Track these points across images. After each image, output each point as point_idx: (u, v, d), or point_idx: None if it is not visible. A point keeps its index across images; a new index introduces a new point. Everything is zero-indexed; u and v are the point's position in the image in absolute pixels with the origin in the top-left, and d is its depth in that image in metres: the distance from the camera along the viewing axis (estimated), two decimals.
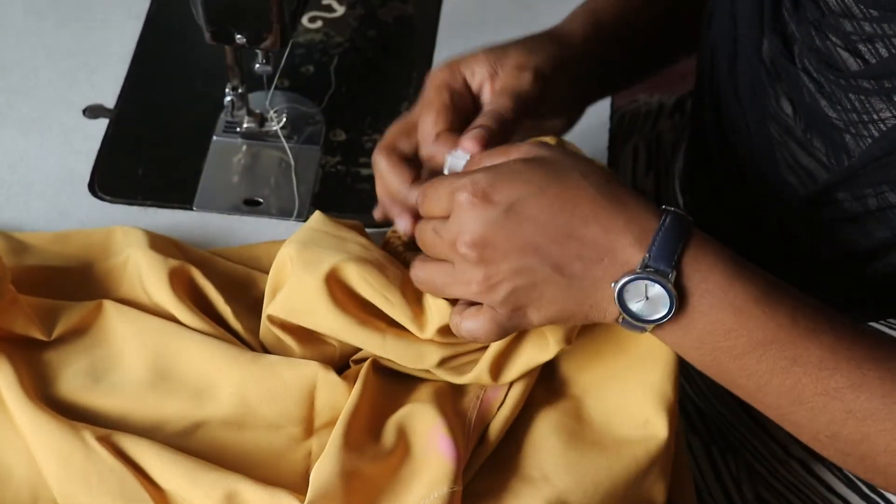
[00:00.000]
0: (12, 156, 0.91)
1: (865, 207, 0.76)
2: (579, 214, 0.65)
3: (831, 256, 0.81)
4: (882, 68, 0.71)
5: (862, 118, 0.73)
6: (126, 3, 1.02)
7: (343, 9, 1.04)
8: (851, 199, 0.76)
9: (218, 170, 0.92)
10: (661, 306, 0.66)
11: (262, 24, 0.82)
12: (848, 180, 0.75)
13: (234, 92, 0.91)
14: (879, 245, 0.77)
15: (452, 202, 0.67)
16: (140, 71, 0.98)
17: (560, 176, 0.67)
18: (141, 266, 0.77)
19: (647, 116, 1.15)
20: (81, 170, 0.91)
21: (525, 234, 0.66)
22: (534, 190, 0.66)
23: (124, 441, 0.70)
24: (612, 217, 0.66)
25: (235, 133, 0.94)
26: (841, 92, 0.74)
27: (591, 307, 0.67)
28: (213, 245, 0.86)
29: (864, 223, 0.77)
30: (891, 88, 0.71)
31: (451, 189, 0.67)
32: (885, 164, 0.73)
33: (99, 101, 0.95)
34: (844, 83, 0.74)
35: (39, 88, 0.96)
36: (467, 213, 0.66)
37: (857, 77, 0.73)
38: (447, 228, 0.67)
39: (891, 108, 0.72)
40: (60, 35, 1.00)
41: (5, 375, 0.72)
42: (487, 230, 0.66)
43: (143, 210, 0.89)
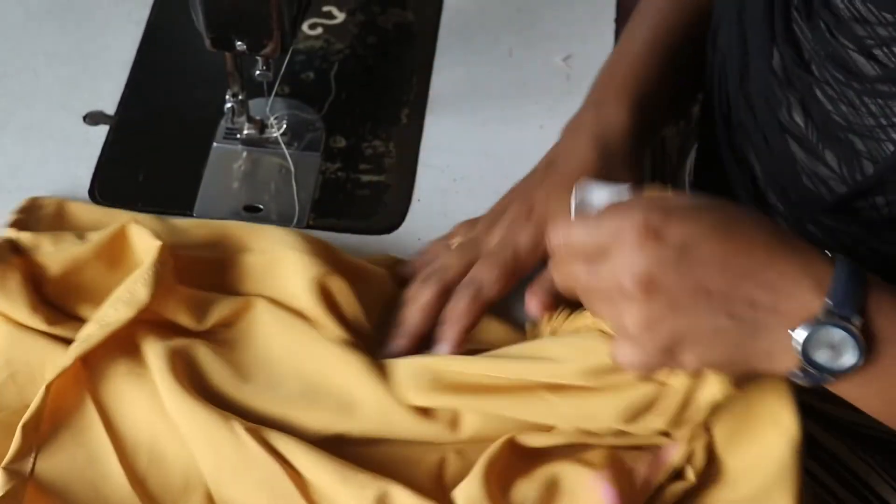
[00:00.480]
0: (12, 162, 0.91)
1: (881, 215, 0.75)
2: (755, 258, 0.62)
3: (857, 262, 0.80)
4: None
5: (880, 122, 0.72)
6: (126, 9, 1.03)
7: (343, 16, 1.04)
8: (885, 203, 0.75)
9: (218, 176, 0.92)
10: (846, 355, 0.62)
11: (263, 31, 0.82)
12: (879, 185, 0.74)
13: (234, 98, 0.91)
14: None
15: (617, 239, 0.63)
16: (140, 77, 0.98)
17: (733, 219, 0.64)
18: (289, 268, 0.78)
19: None
20: (82, 176, 0.91)
21: (697, 275, 0.62)
22: (707, 231, 0.62)
23: (272, 436, 0.71)
24: (788, 261, 0.63)
25: (236, 139, 0.94)
26: (858, 97, 0.74)
27: (758, 356, 0.64)
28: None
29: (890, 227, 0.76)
30: None
31: (615, 226, 0.63)
32: None
33: (99, 107, 0.96)
34: (860, 87, 0.73)
35: (40, 94, 0.96)
36: (636, 250, 0.62)
37: (876, 81, 0.72)
38: (608, 266, 0.63)
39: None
40: (61, 41, 1.00)
41: (159, 361, 0.73)
42: (658, 269, 0.62)
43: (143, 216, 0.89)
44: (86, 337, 0.74)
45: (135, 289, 0.75)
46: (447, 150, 0.94)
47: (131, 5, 1.03)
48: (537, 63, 1.00)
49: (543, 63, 1.00)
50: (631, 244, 0.62)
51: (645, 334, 0.64)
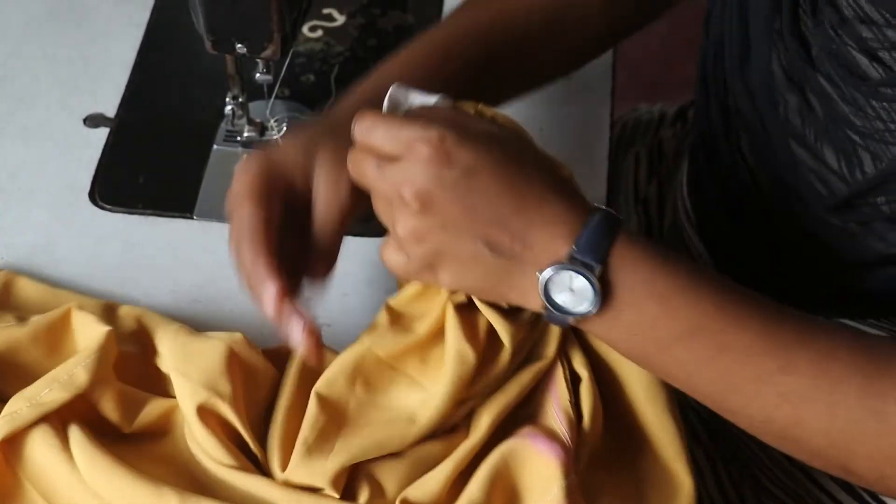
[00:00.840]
0: (13, 164, 0.91)
1: (881, 215, 0.75)
2: (525, 198, 0.66)
3: (856, 260, 0.80)
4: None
5: (888, 126, 0.73)
6: (127, 12, 1.03)
7: (343, 18, 1.04)
8: (885, 202, 0.75)
9: (218, 178, 0.92)
10: (585, 299, 0.66)
11: (263, 34, 0.82)
12: (881, 185, 0.74)
13: (234, 101, 0.91)
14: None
15: (409, 149, 0.66)
16: (141, 80, 0.98)
17: (520, 157, 0.67)
18: (176, 391, 0.74)
19: (649, 125, 1.15)
20: (82, 178, 0.91)
21: (470, 202, 0.66)
22: (492, 163, 0.66)
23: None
24: (553, 207, 0.66)
25: (236, 142, 0.94)
26: (863, 98, 0.74)
27: (511, 289, 0.68)
28: (214, 254, 0.86)
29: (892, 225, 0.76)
30: None
31: (412, 136, 0.66)
32: None
33: (100, 109, 0.96)
34: (866, 89, 0.73)
35: (40, 97, 0.96)
36: (424, 166, 0.65)
37: (880, 85, 0.72)
38: (395, 171, 0.66)
39: None
40: (61, 44, 1.00)
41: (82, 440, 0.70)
42: (437, 188, 0.65)
43: (143, 219, 0.89)
44: (11, 415, 0.70)
45: (74, 371, 0.71)
46: None
47: (132, 8, 1.03)
48: None
49: None
50: (419, 158, 0.65)
51: (411, 244, 0.67)
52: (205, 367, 0.72)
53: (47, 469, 0.70)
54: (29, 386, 0.72)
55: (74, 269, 0.85)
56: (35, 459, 0.70)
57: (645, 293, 0.66)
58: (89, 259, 0.86)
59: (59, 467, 0.70)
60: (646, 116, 1.16)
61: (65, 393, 0.70)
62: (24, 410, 0.70)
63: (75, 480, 0.70)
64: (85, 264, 0.85)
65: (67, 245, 0.87)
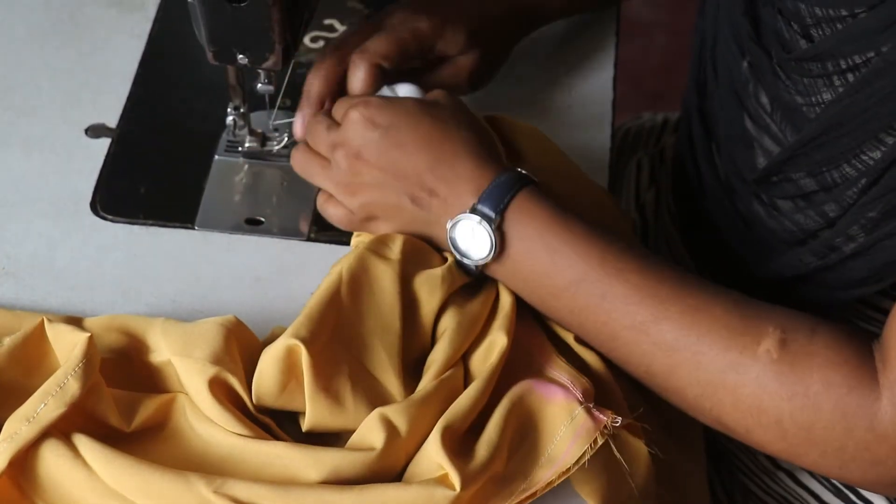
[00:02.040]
0: (15, 175, 0.92)
1: (815, 186, 0.78)
2: (443, 156, 0.77)
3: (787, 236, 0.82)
4: (822, 48, 0.74)
5: (811, 100, 0.76)
6: (128, 23, 1.03)
7: (345, 28, 1.04)
8: (801, 177, 0.79)
9: (220, 189, 0.92)
10: (484, 247, 0.75)
11: (265, 45, 0.82)
12: (792, 159, 0.78)
13: (235, 111, 0.91)
14: (825, 223, 0.79)
15: (345, 115, 0.79)
16: (142, 90, 0.98)
17: (439, 118, 0.78)
18: (181, 374, 0.75)
19: (651, 132, 1.15)
20: (83, 189, 0.91)
21: (391, 157, 0.77)
22: (411, 122, 0.77)
23: (238, 488, 0.69)
24: (465, 165, 0.76)
25: (237, 152, 0.94)
26: (796, 75, 0.77)
27: (432, 238, 0.79)
28: (216, 264, 0.86)
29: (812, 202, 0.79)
30: (832, 71, 0.74)
31: (350, 104, 0.80)
32: (821, 144, 0.76)
33: (101, 120, 0.96)
34: (795, 65, 0.77)
35: (42, 108, 0.96)
36: (354, 127, 0.78)
37: (803, 59, 0.76)
38: (336, 133, 0.80)
39: (829, 91, 0.75)
40: (63, 55, 1.00)
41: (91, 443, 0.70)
42: (363, 146, 0.78)
43: (144, 229, 0.89)
44: (12, 436, 0.69)
45: (64, 382, 0.70)
46: None
47: (133, 19, 1.03)
48: (539, 75, 1.00)
49: (545, 75, 1.01)
50: (350, 121, 0.79)
51: (346, 197, 0.80)
52: (208, 346, 0.74)
53: (64, 482, 0.70)
54: (21, 406, 0.71)
55: (76, 279, 0.85)
56: (49, 476, 0.70)
57: (537, 245, 0.75)
58: (91, 269, 0.86)
59: (76, 475, 0.70)
60: (648, 124, 1.17)
61: (61, 405, 0.70)
62: (24, 429, 0.69)
63: (97, 486, 0.69)
64: (86, 274, 0.85)
65: (69, 255, 0.87)
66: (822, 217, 0.79)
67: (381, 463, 0.71)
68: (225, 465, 0.72)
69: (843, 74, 0.74)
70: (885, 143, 0.73)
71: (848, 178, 0.76)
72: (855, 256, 0.78)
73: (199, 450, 0.73)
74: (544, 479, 0.71)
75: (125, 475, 0.69)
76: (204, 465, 0.72)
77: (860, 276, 0.79)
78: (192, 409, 0.74)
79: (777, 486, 0.93)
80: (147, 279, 0.85)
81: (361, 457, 0.71)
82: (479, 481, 0.70)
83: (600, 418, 0.72)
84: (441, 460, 0.70)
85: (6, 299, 0.83)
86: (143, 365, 0.77)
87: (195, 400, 0.74)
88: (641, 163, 1.10)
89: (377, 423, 0.72)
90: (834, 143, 0.75)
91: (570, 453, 0.71)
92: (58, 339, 0.74)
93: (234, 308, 0.82)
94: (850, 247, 0.78)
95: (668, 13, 2.13)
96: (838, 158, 0.76)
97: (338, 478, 0.70)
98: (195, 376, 0.73)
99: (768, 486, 0.94)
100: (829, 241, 0.79)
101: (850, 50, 0.73)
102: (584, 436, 0.71)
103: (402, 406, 0.72)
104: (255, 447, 0.72)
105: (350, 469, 0.70)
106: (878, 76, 0.71)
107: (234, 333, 0.76)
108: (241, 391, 0.74)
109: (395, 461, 0.72)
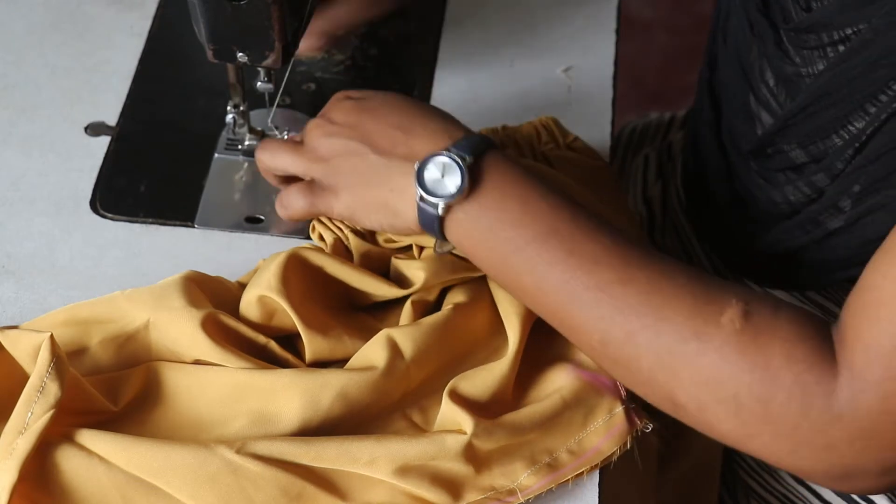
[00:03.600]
0: (14, 173, 0.92)
1: (805, 157, 0.78)
2: (413, 116, 0.77)
3: (776, 211, 0.83)
4: (816, 18, 0.74)
5: (807, 71, 0.76)
6: (128, 21, 1.03)
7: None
8: (792, 148, 0.79)
9: (219, 187, 0.92)
10: (454, 182, 0.73)
11: (264, 43, 0.82)
12: (783, 130, 0.78)
13: (235, 109, 0.91)
14: (806, 200, 0.79)
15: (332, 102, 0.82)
16: (142, 88, 0.98)
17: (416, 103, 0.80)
18: (167, 328, 0.75)
19: (659, 128, 1.16)
20: (83, 187, 0.91)
21: (361, 118, 0.78)
22: (385, 97, 0.80)
23: (259, 446, 0.70)
24: (436, 125, 0.77)
25: (237, 150, 0.94)
26: (794, 47, 0.77)
27: (391, 191, 0.76)
28: (215, 262, 0.86)
29: (802, 173, 0.80)
30: (826, 42, 0.74)
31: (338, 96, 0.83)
32: (810, 115, 0.76)
33: (101, 118, 0.96)
34: (794, 36, 0.77)
35: (41, 106, 0.96)
36: (331, 104, 0.82)
37: (800, 30, 0.76)
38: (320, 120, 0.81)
39: (823, 62, 0.75)
40: (63, 53, 1.00)
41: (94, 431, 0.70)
42: (334, 112, 0.80)
43: (144, 227, 0.89)
44: (11, 452, 0.69)
45: (42, 386, 0.69)
46: None
47: (133, 17, 1.03)
48: (538, 74, 1.00)
49: (544, 74, 1.01)
50: (331, 102, 0.82)
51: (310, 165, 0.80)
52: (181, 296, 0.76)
53: (87, 484, 0.70)
54: (8, 420, 0.70)
55: (75, 277, 0.85)
56: (71, 483, 0.70)
57: (508, 192, 0.73)
58: (90, 267, 0.86)
59: (96, 472, 0.70)
60: (656, 121, 1.17)
61: (47, 408, 0.69)
62: (21, 442, 0.69)
63: (117, 478, 0.70)
64: (86, 273, 0.85)
65: (69, 253, 0.87)
66: (812, 188, 0.79)
67: (387, 383, 0.73)
68: (226, 407, 0.73)
69: (836, 46, 0.74)
70: (869, 113, 0.73)
71: (836, 149, 0.76)
72: (839, 232, 0.78)
73: (199, 401, 0.74)
74: (571, 466, 0.72)
75: (145, 458, 0.69)
76: (207, 415, 0.73)
77: (844, 254, 0.78)
78: (176, 366, 0.75)
79: (779, 485, 0.93)
80: (147, 277, 0.85)
81: (367, 376, 0.72)
82: (497, 437, 0.71)
83: (636, 422, 0.73)
84: (453, 412, 0.72)
85: (6, 298, 0.84)
86: (111, 342, 0.77)
87: (189, 349, 0.74)
88: (649, 158, 1.10)
89: (382, 342, 0.73)
90: (822, 113, 0.75)
91: (601, 448, 0.72)
92: (15, 345, 0.73)
93: None
94: (835, 223, 0.78)
95: (668, 11, 2.13)
96: (827, 129, 0.76)
97: (346, 399, 0.72)
98: (185, 324, 0.74)
99: (770, 484, 0.94)
100: (815, 215, 0.79)
101: (843, 21, 0.73)
102: (616, 436, 0.72)
103: (408, 329, 0.74)
104: (261, 379, 0.73)
105: (356, 390, 0.72)
106: (864, 46, 0.72)
107: (196, 282, 0.77)
108: (235, 323, 0.75)
109: (399, 382, 0.73)
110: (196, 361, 0.75)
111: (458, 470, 0.71)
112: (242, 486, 0.69)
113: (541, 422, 0.73)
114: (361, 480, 0.71)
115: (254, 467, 0.69)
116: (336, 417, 0.72)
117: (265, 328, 0.77)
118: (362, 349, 0.75)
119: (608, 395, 0.74)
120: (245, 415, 0.73)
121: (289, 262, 0.77)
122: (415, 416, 0.75)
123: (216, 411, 0.73)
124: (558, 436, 0.73)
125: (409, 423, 0.75)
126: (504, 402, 0.74)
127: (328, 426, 0.73)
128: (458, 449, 0.71)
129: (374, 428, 0.74)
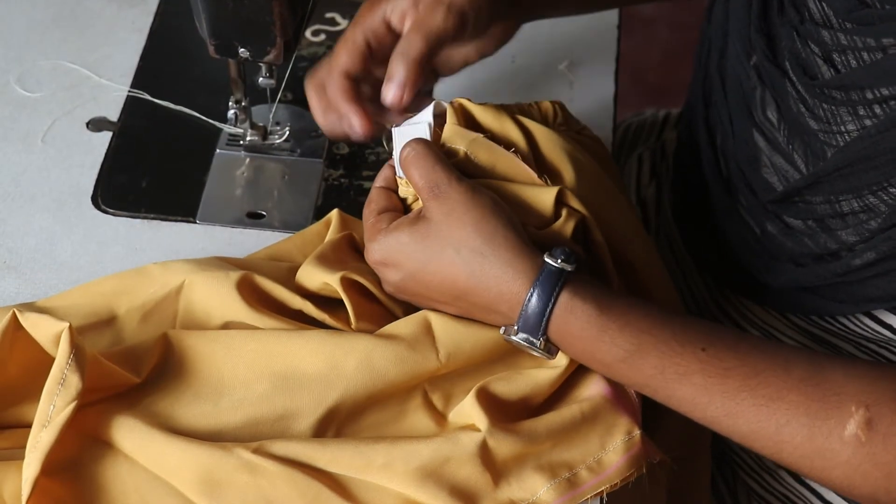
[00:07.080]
0: (16, 169, 0.92)
1: (831, 211, 0.77)
2: (459, 289, 0.73)
3: (796, 253, 0.82)
4: (849, 79, 0.73)
5: (831, 128, 0.75)
6: (130, 17, 1.03)
7: (346, 22, 1.04)
8: (819, 202, 0.78)
9: (221, 183, 0.92)
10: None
11: (266, 38, 0.82)
12: (813, 185, 0.77)
13: (237, 105, 0.91)
14: (840, 247, 0.78)
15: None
16: (143, 84, 0.98)
17: (436, 256, 0.73)
18: (203, 287, 0.76)
19: (653, 127, 1.16)
20: (85, 183, 0.91)
21: (424, 294, 0.75)
22: (417, 267, 0.73)
23: (276, 447, 0.70)
24: (483, 296, 0.72)
25: (239, 146, 0.94)
26: (816, 100, 0.76)
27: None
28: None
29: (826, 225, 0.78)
30: (857, 101, 0.73)
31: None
32: (845, 175, 0.74)
33: (102, 114, 0.96)
34: (818, 91, 0.75)
35: (43, 102, 0.96)
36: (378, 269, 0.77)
37: (827, 87, 0.74)
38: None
39: (855, 121, 0.73)
40: (64, 49, 1.00)
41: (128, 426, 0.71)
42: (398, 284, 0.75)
43: (146, 223, 0.89)
44: (34, 445, 0.69)
45: (63, 378, 0.70)
46: None
47: (135, 13, 1.03)
48: (540, 70, 1.00)
49: (546, 70, 1.01)
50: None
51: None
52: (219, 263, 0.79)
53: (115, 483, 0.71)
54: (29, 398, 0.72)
55: (77, 273, 0.85)
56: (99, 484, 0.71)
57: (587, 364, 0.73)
58: (92, 263, 0.86)
59: (117, 470, 0.71)
60: (650, 119, 1.17)
61: (69, 400, 0.70)
62: (44, 435, 0.70)
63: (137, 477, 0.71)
64: (88, 268, 0.86)
65: (70, 249, 0.87)
66: (836, 241, 0.77)
67: (412, 355, 0.73)
68: (250, 370, 0.74)
69: (870, 106, 0.72)
70: None
71: (870, 208, 0.74)
72: (873, 278, 0.76)
73: (223, 365, 0.74)
74: (591, 484, 0.72)
75: (163, 455, 0.70)
76: (230, 378, 0.74)
77: (874, 294, 0.77)
78: (198, 333, 0.76)
79: (779, 485, 0.93)
80: None
81: (392, 345, 0.73)
82: (512, 440, 0.71)
83: (652, 451, 0.73)
84: (472, 407, 0.72)
85: (8, 293, 0.84)
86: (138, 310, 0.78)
87: (221, 310, 0.76)
88: (642, 157, 1.10)
89: (419, 319, 0.75)
90: (860, 175, 0.73)
91: (617, 468, 0.72)
92: (35, 328, 0.73)
93: None
94: (865, 270, 0.76)
95: (669, 7, 2.12)
96: (862, 189, 0.74)
97: (370, 365, 0.73)
98: (221, 284, 0.76)
99: (771, 485, 0.93)
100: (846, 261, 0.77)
101: (880, 83, 0.71)
102: (633, 458, 0.72)
103: (446, 318, 0.75)
104: (288, 341, 0.74)
105: (381, 357, 0.73)
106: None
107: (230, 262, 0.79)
108: (271, 285, 0.77)
109: (425, 359, 0.74)
110: (225, 325, 0.76)
111: (475, 479, 0.70)
112: (259, 485, 0.69)
113: (556, 431, 0.72)
114: (378, 489, 0.71)
115: (271, 467, 0.70)
116: (359, 385, 0.73)
117: (311, 294, 0.78)
118: (397, 322, 0.76)
119: (626, 416, 0.74)
120: (268, 378, 0.74)
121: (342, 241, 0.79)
122: (435, 399, 0.75)
123: (241, 374, 0.74)
124: (574, 450, 0.73)
125: (427, 403, 0.75)
126: (528, 409, 0.74)
127: (350, 393, 0.73)
128: (473, 449, 0.70)
129: (393, 401, 0.74)
